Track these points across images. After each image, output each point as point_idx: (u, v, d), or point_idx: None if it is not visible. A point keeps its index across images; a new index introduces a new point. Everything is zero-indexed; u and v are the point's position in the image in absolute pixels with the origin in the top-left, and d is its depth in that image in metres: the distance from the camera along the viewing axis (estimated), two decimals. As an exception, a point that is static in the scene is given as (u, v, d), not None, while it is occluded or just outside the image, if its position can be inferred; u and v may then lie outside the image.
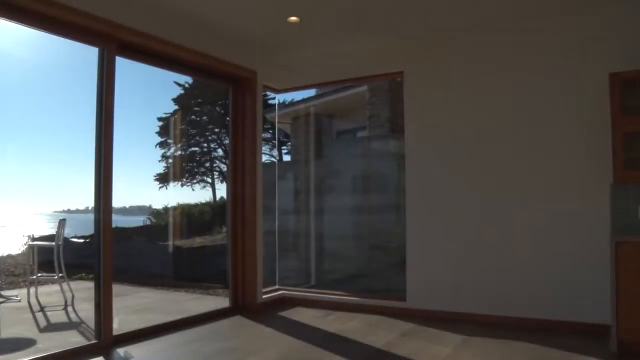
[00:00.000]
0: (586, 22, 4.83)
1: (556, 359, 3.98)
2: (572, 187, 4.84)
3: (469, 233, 5.26)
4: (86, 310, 5.50)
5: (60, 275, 6.12)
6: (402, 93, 5.71)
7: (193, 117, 17.18)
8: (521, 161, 5.06)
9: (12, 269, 8.13)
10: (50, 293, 6.58)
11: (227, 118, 5.90)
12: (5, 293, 6.65)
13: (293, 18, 4.95)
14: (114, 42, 4.36)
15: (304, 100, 8.27)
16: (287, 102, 9.75)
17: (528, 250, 4.99)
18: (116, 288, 4.45)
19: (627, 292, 4.06)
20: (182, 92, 16.58)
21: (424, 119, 5.53)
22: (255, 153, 5.80)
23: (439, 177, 5.42)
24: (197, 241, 11.59)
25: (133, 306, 6.43)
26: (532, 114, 5.03)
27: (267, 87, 6.28)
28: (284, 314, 5.64)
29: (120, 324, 4.81)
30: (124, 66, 4.62)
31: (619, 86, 4.39)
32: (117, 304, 4.55)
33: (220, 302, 6.26)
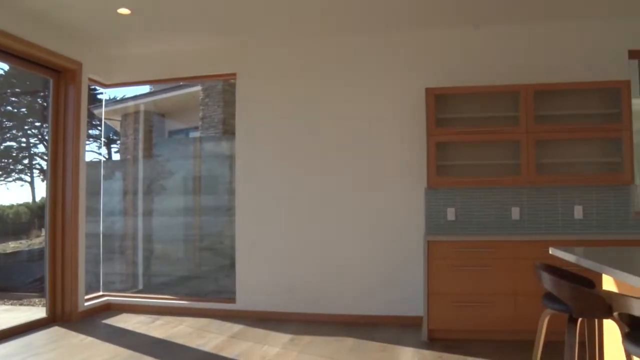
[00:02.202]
0: (409, 39, 5.30)
1: (375, 350, 4.27)
2: (393, 191, 5.24)
3: (297, 234, 5.43)
4: None
5: None
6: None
7: (9, 108, 15.49)
8: (348, 166, 5.35)
9: None
10: None
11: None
12: None
13: (124, 10, 4.70)
14: None
15: (135, 97, 7.89)
16: (117, 98, 9.22)
17: (353, 250, 5.29)
18: None
19: (435, 286, 4.51)
20: (-4, 79, 14.88)
21: (254, 121, 5.60)
22: (79, 150, 5.41)
23: (268, 179, 5.52)
24: (11, 246, 10.46)
25: None
26: (359, 121, 5.36)
27: (93, 81, 5.89)
28: (109, 321, 5.33)
29: None
30: None
31: (432, 100, 4.86)
32: None
33: (36, 312, 5.71)
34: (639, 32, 4.94)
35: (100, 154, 7.23)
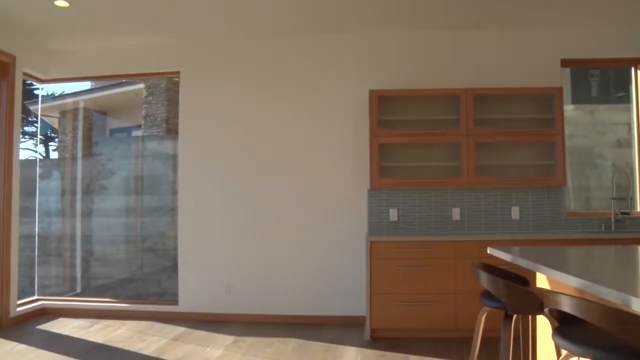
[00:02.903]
0: (355, 40, 5.35)
1: (318, 350, 4.29)
2: (336, 191, 5.28)
3: (241, 234, 5.39)
4: None
5: None
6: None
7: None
8: (291, 166, 5.35)
9: None
10: None
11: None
12: None
13: (61, 2, 4.53)
14: None
15: (74, 94, 7.64)
16: (56, 94, 8.87)
17: (296, 250, 5.30)
18: None
19: (377, 286, 4.57)
20: None
21: (198, 121, 5.53)
22: (12, 148, 5.19)
23: (211, 180, 5.46)
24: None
25: None
26: (304, 122, 5.37)
27: (29, 76, 5.65)
28: (43, 326, 5.13)
29: None
30: None
31: (376, 101, 4.92)
32: None
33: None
34: (570, 42, 5.18)
35: (36, 151, 6.95)
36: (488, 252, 3.16)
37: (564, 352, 1.83)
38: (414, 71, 5.23)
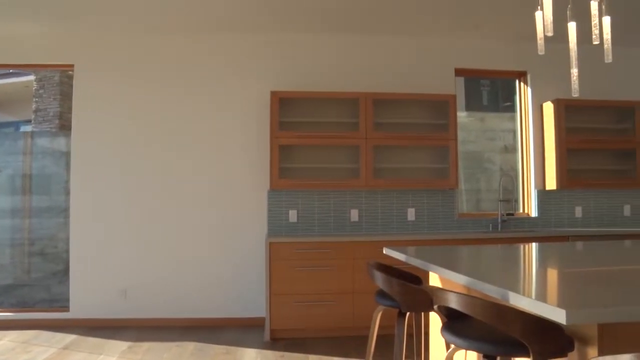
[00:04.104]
0: (258, 41, 5.35)
1: (218, 353, 4.24)
2: (236, 192, 5.26)
3: (136, 236, 5.22)
4: None
5: None
6: (74, 88, 5.34)
7: None
8: (191, 166, 5.27)
9: None
10: None
11: None
12: None
13: None
14: None
15: (-48, 84, 7.05)
16: None
17: (194, 252, 5.22)
18: None
19: (277, 287, 4.61)
20: None
21: (93, 117, 5.28)
22: None
23: (106, 179, 5.24)
24: None
25: None
26: (205, 121, 5.30)
27: None
28: None
29: None
30: None
31: (277, 103, 4.95)
32: None
33: None
34: (463, 53, 5.51)
35: None
36: (384, 252, 3.27)
37: (452, 346, 1.92)
38: (316, 74, 5.31)
